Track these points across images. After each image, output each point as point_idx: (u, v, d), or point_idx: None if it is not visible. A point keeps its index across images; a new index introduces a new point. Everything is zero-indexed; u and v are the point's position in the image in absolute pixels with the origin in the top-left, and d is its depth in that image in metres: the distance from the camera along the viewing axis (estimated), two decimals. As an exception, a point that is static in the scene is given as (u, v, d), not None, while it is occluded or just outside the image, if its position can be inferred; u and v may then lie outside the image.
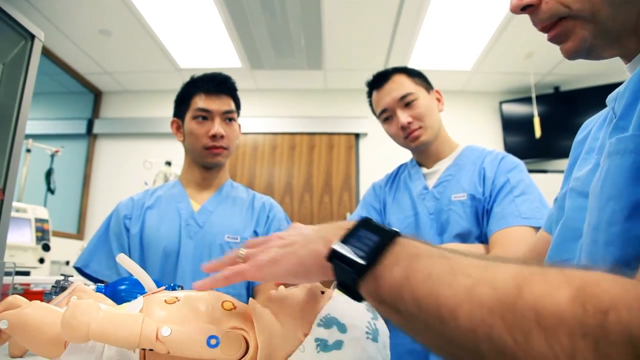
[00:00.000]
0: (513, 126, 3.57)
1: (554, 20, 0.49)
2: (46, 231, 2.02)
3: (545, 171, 3.20)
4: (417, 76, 1.26)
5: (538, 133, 3.02)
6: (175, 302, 0.48)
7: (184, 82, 1.30)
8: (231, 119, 1.26)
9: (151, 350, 0.43)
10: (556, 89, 3.53)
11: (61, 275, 0.78)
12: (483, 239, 1.11)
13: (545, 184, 1.22)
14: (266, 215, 1.29)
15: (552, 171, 3.17)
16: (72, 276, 0.79)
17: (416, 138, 1.21)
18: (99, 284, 0.75)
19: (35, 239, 1.96)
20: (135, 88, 3.88)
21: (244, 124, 1.42)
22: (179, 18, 2.81)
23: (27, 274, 1.82)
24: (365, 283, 0.38)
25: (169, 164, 2.99)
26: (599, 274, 0.28)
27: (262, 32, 2.91)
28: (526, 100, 3.44)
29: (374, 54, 3.22)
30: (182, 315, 0.47)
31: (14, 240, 1.87)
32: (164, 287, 0.58)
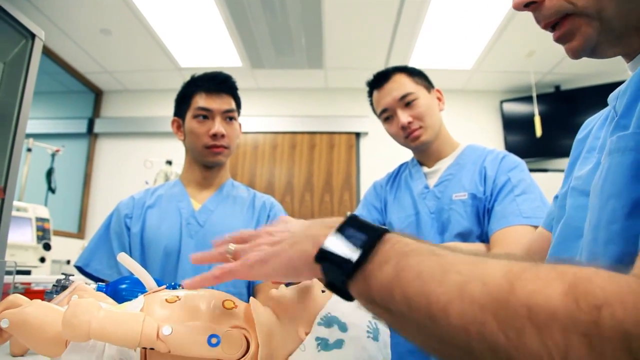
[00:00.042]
0: (514, 125, 3.57)
1: (558, 17, 0.48)
2: (47, 230, 2.03)
3: (545, 170, 3.19)
4: (418, 75, 1.25)
5: (539, 132, 3.02)
6: (176, 301, 0.48)
7: (184, 81, 1.30)
8: (232, 118, 1.26)
9: (152, 349, 0.43)
10: (557, 88, 3.53)
11: (62, 274, 0.78)
12: (484, 238, 1.11)
13: (546, 183, 1.22)
14: (267, 214, 1.29)
15: (553, 170, 3.16)
16: (73, 275, 0.80)
17: (416, 138, 1.21)
18: (100, 283, 0.74)
19: (36, 238, 1.96)
20: (135, 87, 3.88)
21: (245, 123, 1.42)
22: (179, 17, 2.81)
23: (28, 273, 1.82)
24: (354, 283, 0.37)
25: (169, 163, 3.00)
26: (592, 269, 0.28)
27: (263, 31, 2.91)
28: (527, 99, 3.44)
29: (375, 53, 3.22)
30: (183, 314, 0.47)
31: (15, 240, 1.87)
32: (164, 286, 0.58)
